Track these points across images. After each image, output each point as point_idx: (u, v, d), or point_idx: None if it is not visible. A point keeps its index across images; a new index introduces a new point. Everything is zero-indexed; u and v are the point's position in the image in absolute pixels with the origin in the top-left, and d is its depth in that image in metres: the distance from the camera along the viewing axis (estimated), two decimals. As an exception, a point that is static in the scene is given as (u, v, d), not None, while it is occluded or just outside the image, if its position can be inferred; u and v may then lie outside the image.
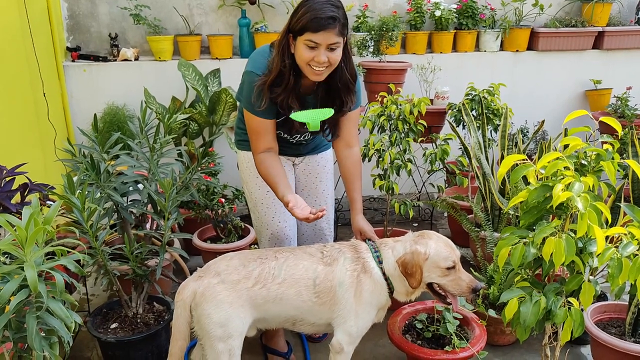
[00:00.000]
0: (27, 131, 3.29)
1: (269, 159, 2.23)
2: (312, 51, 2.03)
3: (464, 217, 3.18)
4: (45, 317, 1.55)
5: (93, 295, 3.10)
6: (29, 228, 1.50)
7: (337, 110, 2.24)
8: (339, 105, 2.24)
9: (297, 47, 2.06)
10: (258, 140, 2.22)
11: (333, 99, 2.22)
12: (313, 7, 2.02)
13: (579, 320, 1.56)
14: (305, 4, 2.05)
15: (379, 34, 3.97)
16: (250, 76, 2.15)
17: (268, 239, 2.41)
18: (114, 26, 4.12)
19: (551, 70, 4.58)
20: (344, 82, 2.18)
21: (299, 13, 2.04)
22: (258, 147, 2.23)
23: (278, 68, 2.09)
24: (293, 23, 2.06)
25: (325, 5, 2.03)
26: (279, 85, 2.10)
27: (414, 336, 2.38)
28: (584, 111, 1.62)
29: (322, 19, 2.00)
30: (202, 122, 3.83)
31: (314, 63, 2.05)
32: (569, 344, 2.52)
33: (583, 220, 1.45)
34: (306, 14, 2.01)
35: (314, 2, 2.03)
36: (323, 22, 2.00)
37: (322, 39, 2.01)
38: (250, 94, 2.15)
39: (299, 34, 2.04)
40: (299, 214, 2.05)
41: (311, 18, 2.00)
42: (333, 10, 2.02)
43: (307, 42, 2.03)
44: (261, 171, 2.24)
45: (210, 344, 2.01)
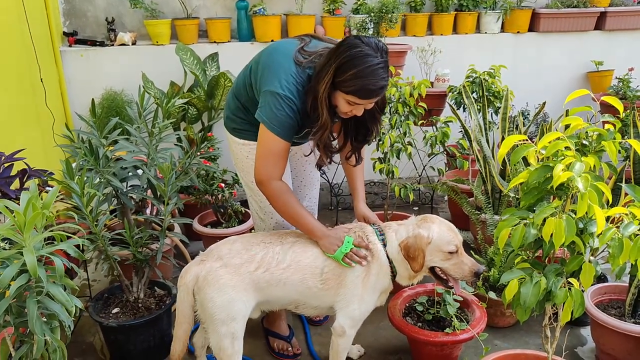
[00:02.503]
0: (25, 117, 3.27)
1: (287, 193, 2.09)
2: (351, 106, 1.96)
3: (464, 200, 3.17)
4: (46, 301, 1.55)
5: (94, 281, 3.11)
6: (27, 213, 1.49)
7: (361, 139, 2.19)
8: (363, 135, 2.17)
9: (337, 97, 1.95)
10: (277, 165, 2.05)
11: (358, 127, 2.15)
12: (364, 72, 1.85)
13: (579, 301, 1.56)
14: (354, 63, 1.86)
15: (379, 16, 3.93)
16: (281, 99, 1.96)
17: (273, 227, 2.37)
18: (111, 10, 4.09)
19: (552, 52, 4.54)
20: (370, 113, 2.07)
21: (347, 73, 1.86)
22: (275, 173, 2.05)
23: (330, 123, 1.99)
24: (338, 81, 1.89)
25: (377, 70, 1.86)
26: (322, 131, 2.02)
27: (414, 319, 2.39)
28: (585, 91, 1.59)
29: (372, 91, 1.89)
30: (200, 106, 3.81)
31: (349, 113, 2.00)
32: (569, 325, 2.53)
33: (583, 200, 1.43)
34: (356, 79, 1.86)
35: (365, 64, 1.85)
36: (373, 94, 1.90)
37: (366, 102, 1.95)
38: (282, 119, 1.98)
39: (343, 92, 1.91)
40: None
41: (361, 87, 1.87)
42: (384, 77, 1.88)
43: (350, 101, 1.93)
44: (280, 204, 2.09)
45: (214, 327, 2.02)
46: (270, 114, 1.99)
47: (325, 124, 1.99)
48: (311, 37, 2.14)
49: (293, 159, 2.47)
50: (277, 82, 1.97)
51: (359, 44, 1.87)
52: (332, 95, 1.96)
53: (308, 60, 2.00)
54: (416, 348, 2.36)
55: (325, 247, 2.07)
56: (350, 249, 2.05)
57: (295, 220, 2.11)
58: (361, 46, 1.87)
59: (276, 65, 2.01)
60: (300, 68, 1.99)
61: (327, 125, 2.00)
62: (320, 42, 2.11)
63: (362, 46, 1.87)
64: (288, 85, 1.97)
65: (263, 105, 2.01)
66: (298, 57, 2.01)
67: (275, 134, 2.00)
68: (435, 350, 2.27)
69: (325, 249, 2.07)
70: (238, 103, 2.22)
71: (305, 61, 2.00)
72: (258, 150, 2.07)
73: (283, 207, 2.10)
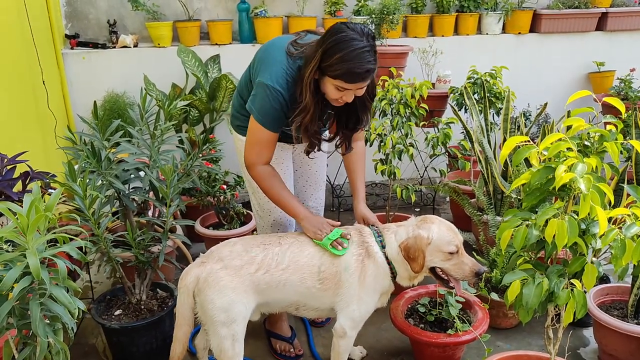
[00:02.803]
0: (27, 119, 3.28)
1: (273, 177, 2.17)
2: (340, 92, 1.98)
3: (466, 201, 3.17)
4: (49, 303, 1.55)
5: (97, 283, 3.12)
6: (30, 215, 1.50)
7: (352, 127, 2.21)
8: (354, 123, 2.20)
9: (325, 84, 1.99)
10: (262, 152, 2.14)
11: (349, 115, 2.17)
12: (350, 55, 1.88)
13: (581, 302, 1.56)
14: (340, 47, 1.90)
15: (380, 18, 3.93)
16: (269, 91, 2.03)
17: (270, 224, 2.41)
18: (112, 12, 4.10)
19: (554, 53, 4.54)
20: (361, 100, 2.11)
21: (333, 57, 1.90)
22: (260, 159, 2.15)
23: (312, 107, 2.02)
24: (325, 65, 1.93)
25: (363, 53, 1.89)
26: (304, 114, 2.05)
27: (416, 320, 2.39)
28: (587, 92, 1.59)
29: (358, 74, 1.91)
30: (202, 108, 3.82)
31: (340, 100, 2.02)
32: (571, 326, 2.52)
33: (586, 201, 1.43)
34: (342, 63, 1.89)
35: (351, 47, 1.88)
36: (359, 77, 1.93)
37: (354, 87, 1.97)
38: (268, 110, 2.05)
39: (331, 77, 1.95)
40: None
41: (347, 70, 1.90)
42: (370, 61, 1.91)
43: (338, 87, 1.96)
44: (265, 187, 2.18)
45: (214, 329, 2.02)
46: (257, 105, 2.08)
47: (307, 107, 2.03)
48: (307, 32, 2.19)
49: (297, 158, 2.48)
50: (268, 74, 2.04)
51: (344, 29, 1.93)
52: (321, 81, 2.00)
53: (299, 51, 2.05)
54: (418, 349, 2.36)
55: (305, 228, 2.13)
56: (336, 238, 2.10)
57: (279, 202, 2.19)
58: (346, 31, 1.92)
59: (269, 58, 2.09)
60: (292, 59, 2.05)
61: (309, 108, 2.03)
62: (315, 35, 2.15)
63: (347, 31, 1.92)
64: (277, 78, 2.03)
65: (253, 96, 2.11)
66: (290, 48, 2.07)
67: (261, 124, 2.08)
68: (438, 352, 2.27)
69: (308, 232, 2.13)
70: (241, 101, 2.27)
71: (296, 52, 2.05)
72: (247, 137, 2.17)
73: (268, 190, 2.19)
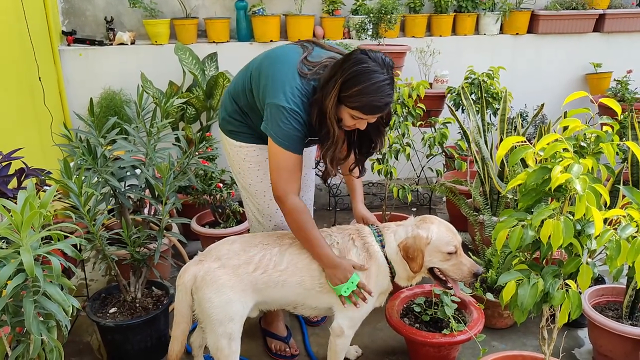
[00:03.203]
0: (23, 116, 3.27)
1: (306, 213, 2.05)
2: (354, 120, 1.95)
3: (462, 201, 3.17)
4: (43, 301, 1.55)
5: (92, 280, 3.11)
6: (24, 212, 1.49)
7: (365, 152, 2.18)
8: (367, 147, 2.16)
9: (341, 111, 1.93)
10: (291, 178, 2.01)
11: (362, 139, 2.14)
12: (370, 89, 1.83)
13: (576, 302, 1.56)
14: (360, 79, 1.84)
15: (378, 17, 3.93)
16: (287, 113, 1.93)
17: (271, 229, 2.36)
18: (110, 9, 4.08)
19: (551, 54, 4.54)
20: (374, 126, 2.06)
21: (353, 89, 1.85)
22: (291, 187, 2.01)
23: (340, 137, 2.00)
24: (343, 96, 1.87)
25: (383, 86, 1.85)
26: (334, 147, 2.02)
27: (412, 319, 2.39)
28: (583, 92, 1.59)
29: (378, 107, 1.88)
30: (199, 106, 3.81)
31: (353, 126, 1.99)
32: (566, 326, 2.53)
33: (581, 202, 1.43)
34: (361, 96, 1.84)
35: (372, 80, 1.83)
36: (378, 109, 1.90)
37: (371, 117, 1.95)
38: (289, 133, 1.95)
39: (348, 107, 1.90)
40: None
41: (366, 103, 1.86)
42: (389, 94, 1.87)
43: (354, 116, 1.92)
44: (297, 222, 2.03)
45: (211, 327, 2.02)
46: (277, 129, 1.96)
47: (337, 140, 1.99)
48: (313, 45, 2.10)
49: None
50: (282, 95, 1.93)
51: (365, 60, 1.85)
52: (337, 108, 1.93)
53: (312, 71, 1.97)
54: (414, 349, 2.36)
55: (330, 276, 2.05)
56: (353, 290, 2.04)
57: (308, 243, 2.06)
58: (368, 62, 1.85)
59: (280, 76, 1.97)
60: (305, 80, 1.97)
61: (339, 141, 2.00)
62: (322, 50, 2.08)
63: (368, 62, 1.85)
64: (293, 98, 1.94)
65: (269, 119, 1.98)
66: (302, 68, 1.98)
67: (285, 148, 1.97)
68: (433, 352, 2.27)
69: (329, 278, 2.05)
70: (235, 106, 2.19)
71: (309, 72, 1.97)
72: (270, 164, 2.04)
73: (297, 227, 2.06)
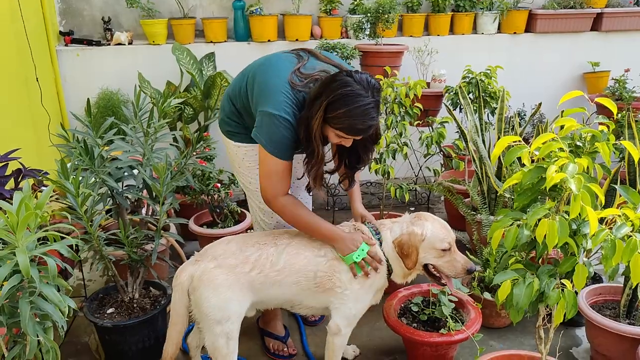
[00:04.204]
0: (20, 116, 3.26)
1: (296, 205, 2.10)
2: (340, 138, 1.97)
3: (460, 200, 3.17)
4: (39, 302, 1.55)
5: (90, 281, 3.11)
6: (19, 213, 1.49)
7: (352, 167, 2.19)
8: (355, 162, 2.17)
9: (327, 129, 1.96)
10: (279, 183, 2.07)
11: (350, 153, 2.15)
12: (354, 112, 1.86)
13: (572, 302, 1.56)
14: (344, 102, 1.86)
15: (376, 16, 3.93)
16: (277, 120, 1.96)
17: (274, 226, 2.38)
18: (107, 10, 4.08)
19: (549, 53, 4.55)
20: (363, 145, 2.09)
21: (337, 111, 1.87)
22: (278, 191, 2.08)
23: (324, 156, 2.02)
24: (328, 117, 1.90)
25: (367, 110, 1.87)
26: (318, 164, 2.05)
27: (409, 319, 2.39)
28: (579, 92, 1.59)
29: (361, 130, 1.91)
30: (197, 106, 3.81)
31: (338, 143, 2.02)
32: (563, 326, 2.53)
33: (576, 201, 1.44)
34: (345, 118, 1.87)
35: (356, 103, 1.85)
36: (361, 132, 1.92)
37: (356, 137, 1.97)
38: (279, 140, 1.99)
39: (332, 127, 1.93)
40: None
41: (349, 125, 1.89)
42: (373, 117, 1.89)
43: (339, 135, 1.95)
44: (291, 217, 2.11)
45: (209, 327, 2.02)
46: (266, 136, 2.00)
47: (321, 159, 2.02)
48: (309, 55, 2.13)
49: None
50: (272, 104, 1.97)
51: (350, 83, 1.87)
52: (323, 126, 1.96)
53: (303, 84, 2.00)
54: (411, 348, 2.36)
55: (340, 249, 2.07)
56: (363, 258, 2.05)
57: (309, 230, 2.11)
58: (353, 85, 1.86)
59: (272, 85, 2.00)
60: (296, 90, 1.99)
61: (323, 160, 2.02)
62: (317, 61, 2.10)
63: (353, 85, 1.86)
64: (284, 107, 1.96)
65: (260, 126, 2.01)
66: (294, 79, 2.00)
67: (274, 155, 2.01)
68: (430, 351, 2.28)
69: (340, 251, 2.07)
70: (233, 107, 2.21)
71: (300, 84, 1.99)
72: (260, 170, 2.09)
73: (294, 221, 2.12)
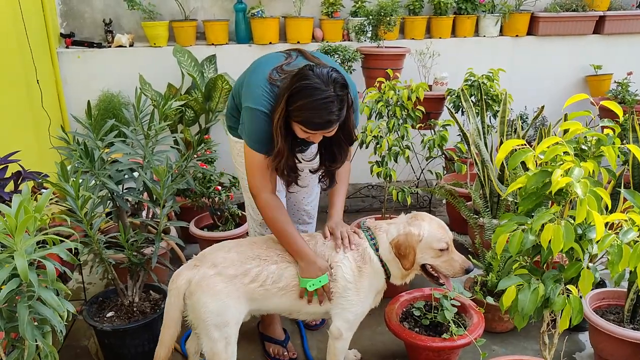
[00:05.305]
0: (20, 118, 3.25)
1: (278, 208, 2.11)
2: (306, 134, 1.95)
3: (462, 204, 3.15)
4: (37, 306, 1.53)
5: (90, 284, 3.09)
6: (18, 216, 1.47)
7: (327, 165, 2.17)
8: (330, 160, 2.15)
9: (292, 124, 1.95)
10: (263, 177, 2.09)
11: (327, 151, 2.14)
12: (311, 105, 1.84)
13: (577, 308, 1.54)
14: (302, 94, 1.85)
15: (377, 19, 3.91)
16: (254, 114, 2.00)
17: (259, 224, 2.41)
18: (108, 12, 4.07)
19: (551, 56, 4.53)
20: (337, 143, 2.08)
21: (296, 104, 1.86)
22: (263, 186, 2.10)
23: (286, 151, 2.00)
24: (289, 109, 1.89)
25: (325, 104, 1.84)
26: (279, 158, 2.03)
27: (411, 324, 2.37)
28: (584, 95, 1.58)
29: (318, 124, 1.88)
30: (198, 109, 3.80)
31: (307, 139, 2.01)
32: (567, 330, 2.49)
33: (582, 206, 1.42)
34: (302, 111, 1.86)
35: (312, 96, 1.83)
36: (319, 126, 1.90)
37: (319, 133, 1.95)
38: (256, 134, 2.02)
39: (294, 121, 1.92)
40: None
41: (306, 119, 1.87)
42: (332, 112, 1.85)
43: (303, 130, 1.93)
44: (269, 218, 2.11)
45: (206, 332, 1.99)
46: (246, 130, 2.06)
47: (280, 152, 2.00)
48: (298, 54, 2.13)
49: None
50: (251, 98, 2.02)
51: (309, 76, 1.86)
52: (290, 121, 1.95)
53: (280, 79, 1.99)
54: (413, 353, 2.34)
55: (302, 269, 2.05)
56: (317, 288, 2.03)
57: (282, 239, 2.11)
58: (310, 78, 1.85)
59: (253, 81, 2.05)
60: (275, 85, 1.99)
61: (282, 152, 2.00)
62: (303, 59, 2.10)
63: (311, 78, 1.85)
64: (262, 100, 1.99)
65: (242, 122, 2.09)
66: (273, 74, 2.01)
67: (253, 149, 2.06)
68: (433, 356, 2.26)
69: (300, 270, 2.05)
70: (234, 103, 2.26)
71: (278, 79, 1.99)
72: (246, 164, 2.13)
73: (271, 223, 2.13)
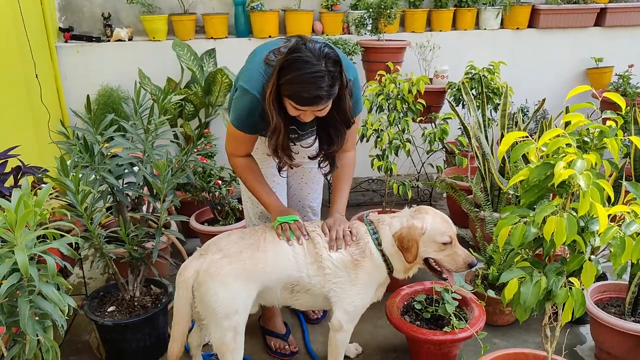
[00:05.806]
0: (20, 113, 3.24)
1: (248, 168, 2.20)
2: (297, 111, 1.93)
3: (463, 197, 3.15)
4: (38, 301, 1.53)
5: (91, 279, 3.09)
6: (18, 211, 1.47)
7: (325, 148, 2.16)
8: (327, 143, 2.14)
9: (284, 100, 1.93)
10: (237, 146, 2.18)
11: (325, 134, 2.13)
12: (300, 78, 1.81)
13: (580, 301, 1.54)
14: (292, 68, 1.82)
15: (378, 12, 3.89)
16: (244, 94, 2.01)
17: (258, 216, 2.41)
18: (107, 6, 4.05)
19: (552, 48, 4.51)
20: (333, 125, 2.06)
21: (285, 77, 1.84)
22: (237, 152, 2.19)
23: (282, 127, 1.98)
24: (280, 83, 1.87)
25: (314, 78, 1.80)
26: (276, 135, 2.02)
27: (412, 317, 2.37)
28: (587, 87, 1.57)
29: (305, 98, 1.85)
30: (197, 103, 3.78)
31: (299, 117, 1.98)
32: (568, 323, 2.48)
33: (585, 198, 1.41)
34: (291, 85, 1.84)
35: (302, 70, 1.81)
36: (307, 101, 1.86)
37: (308, 109, 1.92)
38: (241, 113, 2.05)
39: (284, 96, 1.90)
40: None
41: (294, 92, 1.85)
42: (321, 87, 1.82)
43: (292, 105, 1.90)
44: (242, 178, 2.24)
45: (216, 322, 1.99)
46: (233, 105, 2.12)
47: (276, 128, 1.98)
48: (299, 39, 2.08)
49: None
50: (246, 78, 2.03)
51: (300, 49, 1.83)
52: (281, 96, 1.93)
53: (276, 59, 1.96)
54: (414, 347, 2.34)
55: (273, 219, 2.17)
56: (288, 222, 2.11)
57: (255, 195, 2.25)
58: (302, 51, 1.83)
59: (250, 64, 2.08)
60: (268, 66, 1.97)
61: (279, 129, 1.99)
62: None
63: (303, 51, 1.83)
64: (254, 82, 1.99)
65: (231, 99, 2.18)
66: (269, 56, 2.00)
67: (233, 124, 2.12)
68: (434, 349, 2.25)
69: (273, 219, 2.17)
70: (233, 94, 2.23)
71: (273, 59, 1.97)
72: (227, 129, 2.21)
73: (243, 180, 2.27)
